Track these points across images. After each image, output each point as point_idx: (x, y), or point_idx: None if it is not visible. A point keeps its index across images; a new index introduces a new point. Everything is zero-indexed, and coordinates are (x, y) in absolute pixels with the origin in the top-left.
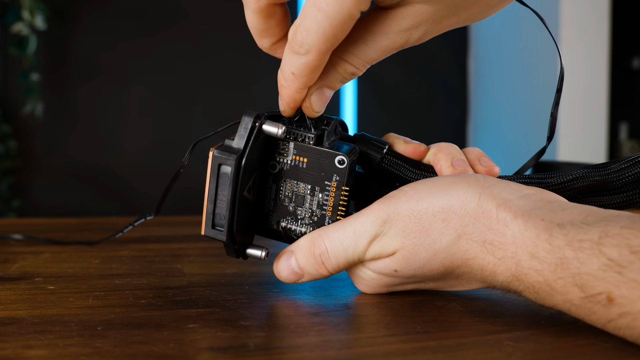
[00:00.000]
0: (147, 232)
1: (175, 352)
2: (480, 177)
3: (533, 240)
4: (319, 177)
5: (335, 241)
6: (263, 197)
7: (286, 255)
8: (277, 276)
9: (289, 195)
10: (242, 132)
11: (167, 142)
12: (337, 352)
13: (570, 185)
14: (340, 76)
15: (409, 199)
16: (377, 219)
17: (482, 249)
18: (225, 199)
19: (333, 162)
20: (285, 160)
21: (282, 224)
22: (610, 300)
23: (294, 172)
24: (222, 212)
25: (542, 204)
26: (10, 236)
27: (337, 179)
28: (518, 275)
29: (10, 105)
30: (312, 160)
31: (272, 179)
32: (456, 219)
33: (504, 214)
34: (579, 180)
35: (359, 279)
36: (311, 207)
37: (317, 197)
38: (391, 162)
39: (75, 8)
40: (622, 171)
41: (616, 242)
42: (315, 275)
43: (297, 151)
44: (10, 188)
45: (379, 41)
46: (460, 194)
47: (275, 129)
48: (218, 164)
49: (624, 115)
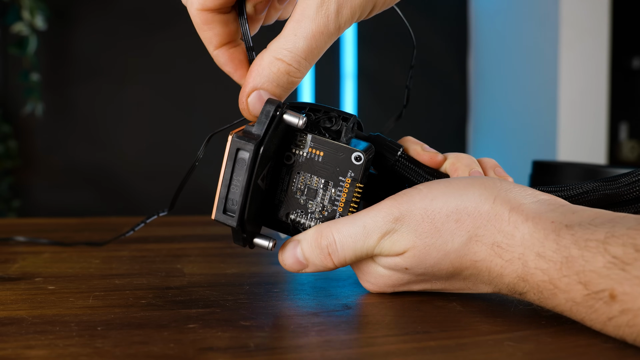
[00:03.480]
0: (147, 232)
1: (176, 352)
2: (496, 181)
3: (541, 241)
4: (333, 171)
5: (345, 234)
6: (275, 187)
7: (292, 243)
8: (282, 264)
9: (301, 188)
10: (263, 119)
11: (167, 142)
12: (337, 352)
13: (582, 198)
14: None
15: (422, 198)
16: (388, 215)
17: (491, 251)
18: (240, 184)
19: (350, 158)
20: (301, 153)
21: (292, 217)
22: (612, 297)
23: (308, 165)
24: (235, 198)
25: (554, 207)
26: (12, 238)
27: (352, 175)
28: (524, 276)
29: (11, 105)
30: (329, 154)
31: (285, 170)
32: (469, 221)
33: (516, 216)
34: (589, 194)
35: (365, 275)
36: (323, 202)
37: (329, 192)
38: (404, 165)
39: (75, 8)
40: (633, 184)
41: (622, 242)
42: (319, 267)
43: (314, 144)
44: (11, 188)
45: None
46: (475, 196)
47: (296, 119)
48: (236, 149)
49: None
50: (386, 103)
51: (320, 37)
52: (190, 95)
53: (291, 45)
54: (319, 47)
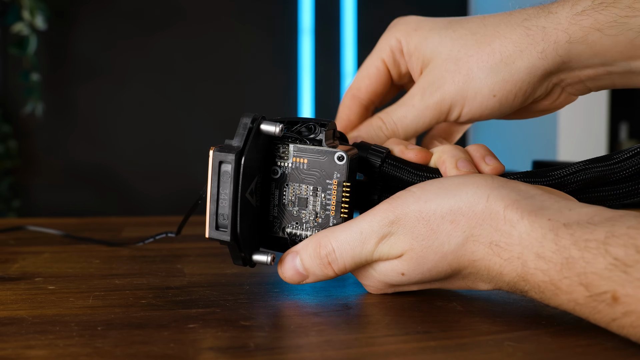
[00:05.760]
0: (147, 232)
1: (176, 352)
2: (488, 178)
3: (539, 241)
4: (320, 176)
5: (342, 241)
6: (267, 204)
7: (291, 255)
8: (282, 277)
9: (292, 200)
10: (241, 131)
11: (167, 141)
12: (337, 352)
13: (572, 178)
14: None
15: (416, 200)
16: (384, 219)
17: (489, 250)
18: (228, 197)
19: (333, 160)
20: (287, 164)
21: (287, 230)
22: (615, 299)
23: (295, 175)
24: (225, 212)
25: (549, 203)
26: (25, 227)
27: (337, 176)
28: (524, 275)
29: (11, 105)
30: (312, 160)
31: (274, 185)
32: (464, 221)
33: (511, 214)
34: (580, 173)
35: (365, 279)
36: (315, 209)
37: (319, 197)
38: (392, 166)
39: (75, 8)
40: (625, 162)
41: (622, 242)
42: (320, 277)
43: (297, 152)
44: (11, 188)
45: None
46: (468, 196)
47: (273, 127)
48: (219, 162)
49: (624, 115)
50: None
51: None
52: (190, 95)
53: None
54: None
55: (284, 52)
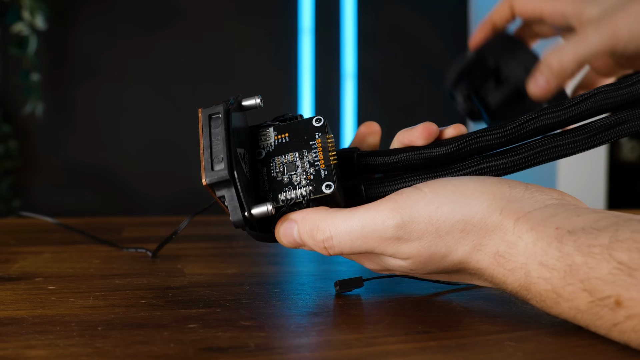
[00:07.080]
0: (147, 232)
1: (176, 352)
2: (505, 189)
3: (544, 249)
4: (302, 141)
5: (342, 231)
6: (257, 184)
7: (289, 224)
8: (278, 239)
9: (281, 170)
10: (222, 103)
11: (167, 141)
12: (337, 352)
13: (521, 128)
14: None
15: (427, 204)
16: (390, 219)
17: (493, 261)
18: (220, 135)
19: (311, 124)
20: (269, 142)
21: (282, 197)
22: (618, 303)
23: (279, 149)
24: (219, 153)
25: (559, 211)
26: (39, 215)
27: (319, 135)
28: (527, 285)
29: (11, 105)
30: (293, 132)
31: (261, 165)
32: (474, 232)
33: (521, 226)
34: (529, 123)
35: (366, 261)
36: (304, 169)
37: (307, 158)
38: (365, 154)
39: (75, 8)
40: (576, 106)
41: (627, 246)
42: (315, 250)
43: (277, 132)
44: (11, 188)
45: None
46: (484, 207)
47: (253, 100)
48: (208, 115)
49: None
50: (386, 103)
51: None
52: (190, 95)
53: None
54: None
55: (284, 52)
